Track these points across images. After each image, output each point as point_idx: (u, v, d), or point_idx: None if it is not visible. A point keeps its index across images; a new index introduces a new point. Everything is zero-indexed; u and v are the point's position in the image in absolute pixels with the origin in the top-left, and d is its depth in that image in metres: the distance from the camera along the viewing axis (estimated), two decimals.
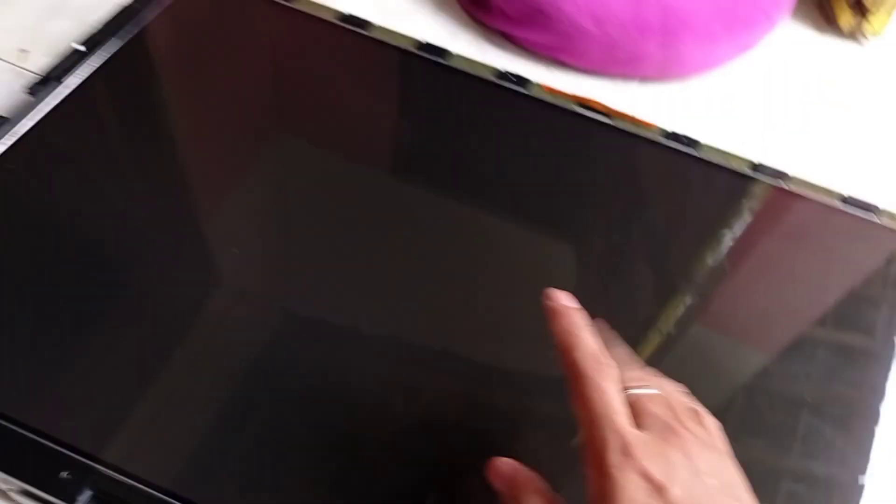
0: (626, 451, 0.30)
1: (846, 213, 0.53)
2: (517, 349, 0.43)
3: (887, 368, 0.46)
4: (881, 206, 0.53)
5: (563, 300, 0.35)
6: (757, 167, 0.54)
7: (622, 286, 0.47)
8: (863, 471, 0.42)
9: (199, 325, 0.42)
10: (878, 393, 0.44)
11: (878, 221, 0.52)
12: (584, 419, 0.32)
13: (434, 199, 0.50)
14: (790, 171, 0.54)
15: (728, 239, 0.50)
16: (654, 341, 0.45)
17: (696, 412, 0.33)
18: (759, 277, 0.49)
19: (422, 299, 0.45)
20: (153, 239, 0.45)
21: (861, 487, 0.41)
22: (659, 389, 0.33)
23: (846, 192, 0.54)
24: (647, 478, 0.29)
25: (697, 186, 0.53)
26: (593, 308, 0.35)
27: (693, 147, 0.54)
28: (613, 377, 0.32)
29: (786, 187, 0.53)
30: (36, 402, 0.38)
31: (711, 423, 0.33)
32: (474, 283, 0.46)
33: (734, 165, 0.53)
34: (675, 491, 0.29)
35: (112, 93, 0.51)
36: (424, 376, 0.42)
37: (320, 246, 0.47)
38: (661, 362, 0.43)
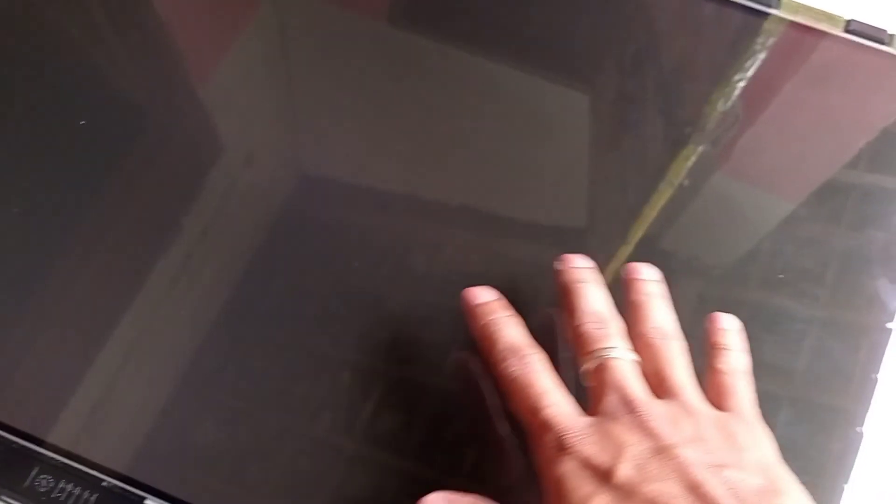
0: (562, 444, 0.26)
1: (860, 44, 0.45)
2: (530, 199, 0.41)
3: None
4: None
5: (480, 297, 0.31)
6: None
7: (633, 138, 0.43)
8: (890, 318, 0.40)
9: (198, 187, 0.40)
10: None
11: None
12: (521, 421, 0.29)
13: (429, 44, 0.45)
14: None
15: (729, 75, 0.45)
16: (665, 194, 0.41)
17: (676, 372, 0.29)
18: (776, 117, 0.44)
19: (428, 152, 0.42)
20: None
21: (889, 331, 0.39)
22: (634, 354, 0.29)
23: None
24: (589, 466, 0.26)
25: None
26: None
27: None
28: (539, 367, 0.29)
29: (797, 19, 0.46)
30: None
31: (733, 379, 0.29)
32: (482, 134, 0.43)
33: None
34: (623, 471, 0.25)
35: None
36: (440, 231, 0.40)
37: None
38: (677, 216, 0.41)
